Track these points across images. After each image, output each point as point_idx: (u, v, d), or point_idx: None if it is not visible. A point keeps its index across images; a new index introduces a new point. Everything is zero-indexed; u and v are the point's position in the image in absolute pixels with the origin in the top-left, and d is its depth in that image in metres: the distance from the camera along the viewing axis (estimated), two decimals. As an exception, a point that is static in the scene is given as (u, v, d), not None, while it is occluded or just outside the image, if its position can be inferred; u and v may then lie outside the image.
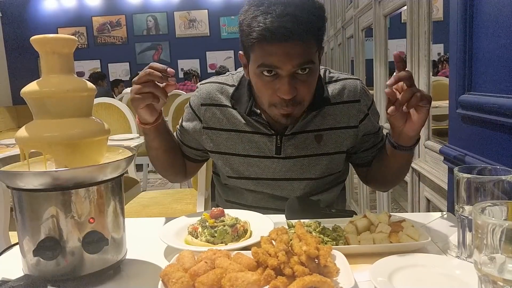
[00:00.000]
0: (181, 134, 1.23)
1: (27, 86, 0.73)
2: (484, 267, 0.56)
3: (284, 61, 0.94)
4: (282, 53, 0.93)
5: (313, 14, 0.94)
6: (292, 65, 0.95)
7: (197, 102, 1.18)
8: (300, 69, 0.96)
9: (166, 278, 0.66)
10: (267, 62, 0.95)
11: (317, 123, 1.12)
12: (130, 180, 2.63)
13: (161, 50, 8.48)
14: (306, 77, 0.98)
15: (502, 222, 0.53)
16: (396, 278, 0.71)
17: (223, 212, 0.94)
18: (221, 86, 1.17)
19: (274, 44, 0.93)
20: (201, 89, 1.19)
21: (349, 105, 1.14)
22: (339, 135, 1.14)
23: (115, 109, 3.03)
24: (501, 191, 0.73)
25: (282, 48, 0.93)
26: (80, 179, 0.69)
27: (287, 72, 0.95)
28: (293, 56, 0.94)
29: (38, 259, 0.69)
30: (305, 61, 0.95)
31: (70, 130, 0.72)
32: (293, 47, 0.93)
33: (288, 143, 1.12)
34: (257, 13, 0.93)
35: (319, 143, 1.13)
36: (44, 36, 0.72)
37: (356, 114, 1.14)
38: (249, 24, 0.95)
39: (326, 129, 1.13)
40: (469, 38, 1.15)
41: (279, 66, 0.95)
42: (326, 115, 1.13)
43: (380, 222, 0.88)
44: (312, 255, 0.68)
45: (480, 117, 1.10)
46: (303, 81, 0.98)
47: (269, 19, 0.91)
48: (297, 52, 0.94)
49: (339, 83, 1.15)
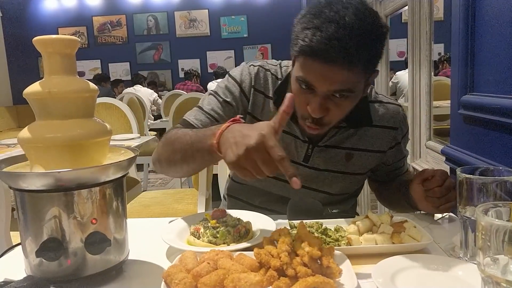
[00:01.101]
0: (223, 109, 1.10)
1: (29, 87, 0.73)
2: (487, 268, 0.56)
3: (321, 82, 0.91)
4: (321, 74, 0.90)
5: (367, 43, 0.88)
6: (328, 88, 0.92)
7: (248, 82, 1.11)
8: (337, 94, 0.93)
9: (168, 278, 0.66)
10: (305, 77, 0.93)
11: (352, 142, 1.11)
12: (131, 180, 2.63)
13: (162, 50, 8.47)
14: (341, 102, 0.94)
15: (506, 224, 0.53)
16: (398, 279, 0.71)
17: (225, 213, 0.94)
18: (272, 77, 1.12)
19: (315, 63, 0.89)
20: (255, 72, 1.12)
21: (387, 131, 1.13)
22: (368, 157, 1.14)
23: (116, 109, 3.03)
24: (503, 192, 0.73)
25: (322, 70, 0.89)
26: (83, 180, 0.69)
27: (322, 93, 0.93)
28: (331, 81, 0.90)
29: (41, 260, 0.69)
30: (343, 89, 0.92)
31: (73, 131, 0.72)
32: (333, 72, 0.89)
33: (318, 154, 1.11)
34: (309, 26, 0.88)
35: (348, 162, 1.12)
36: (47, 37, 0.72)
37: (390, 140, 1.15)
38: (298, 33, 0.91)
39: (359, 149, 1.12)
40: (470, 39, 1.15)
41: (315, 85, 0.92)
42: (363, 136, 1.12)
43: (382, 223, 0.88)
44: (315, 256, 0.68)
45: (482, 117, 1.10)
46: (337, 104, 0.95)
47: (317, 37, 0.86)
48: (336, 78, 0.90)
49: (383, 106, 1.14)
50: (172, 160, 1.00)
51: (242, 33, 8.34)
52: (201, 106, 1.12)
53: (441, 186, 0.96)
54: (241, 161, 0.74)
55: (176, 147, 0.97)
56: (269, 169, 0.73)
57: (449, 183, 0.96)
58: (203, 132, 0.90)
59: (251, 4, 8.22)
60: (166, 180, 5.26)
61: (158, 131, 5.61)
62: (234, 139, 0.77)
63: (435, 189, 0.96)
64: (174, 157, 0.99)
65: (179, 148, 0.96)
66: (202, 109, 1.11)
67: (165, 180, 5.24)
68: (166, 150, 1.02)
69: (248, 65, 1.14)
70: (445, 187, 0.96)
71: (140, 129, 3.24)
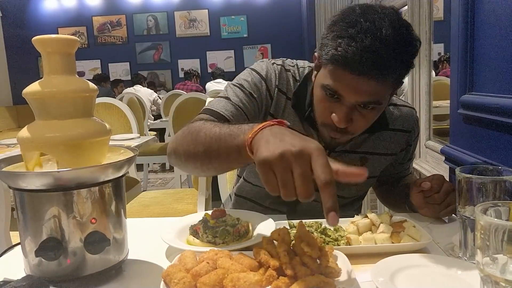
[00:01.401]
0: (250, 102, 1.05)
1: (29, 87, 0.73)
2: (486, 268, 0.56)
3: (350, 93, 0.90)
4: (351, 85, 0.88)
5: (402, 57, 0.87)
6: (356, 99, 0.91)
7: (274, 81, 1.07)
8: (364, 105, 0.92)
9: (168, 278, 0.66)
10: (333, 86, 0.91)
11: (367, 146, 1.11)
12: (130, 180, 2.63)
13: (162, 50, 8.47)
14: (367, 113, 0.94)
15: (505, 223, 0.54)
16: (398, 279, 0.71)
17: (225, 213, 0.94)
18: (292, 78, 1.09)
19: (346, 73, 0.87)
20: (278, 71, 1.08)
21: (401, 134, 1.14)
22: (382, 161, 1.14)
23: (116, 109, 3.03)
24: (503, 192, 0.73)
25: (353, 81, 0.87)
26: (82, 180, 0.69)
27: (349, 104, 0.91)
28: (361, 92, 0.89)
29: (40, 260, 0.69)
30: (372, 101, 0.91)
31: (72, 130, 0.72)
32: (364, 84, 0.87)
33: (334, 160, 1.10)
34: (344, 34, 0.86)
35: (362, 165, 1.11)
36: (46, 36, 0.72)
37: (403, 143, 1.15)
38: (331, 40, 0.88)
39: (374, 153, 1.12)
40: (470, 38, 1.15)
41: (343, 95, 0.91)
42: (377, 139, 1.11)
43: (381, 223, 0.88)
44: (314, 256, 0.68)
45: (482, 117, 1.10)
46: (362, 115, 0.93)
47: (352, 48, 0.84)
48: (367, 90, 0.88)
49: (398, 108, 1.14)
50: (192, 153, 0.88)
51: (242, 33, 8.34)
52: (228, 97, 1.05)
53: (439, 192, 0.96)
54: (273, 161, 0.61)
55: (201, 138, 0.85)
56: (303, 187, 0.60)
57: (447, 188, 0.96)
58: (238, 126, 0.78)
59: (251, 4, 8.22)
60: (166, 180, 5.26)
61: (158, 131, 5.61)
62: (275, 137, 0.65)
63: (434, 196, 0.96)
64: (196, 149, 0.86)
65: (204, 140, 0.84)
66: (230, 99, 1.04)
67: (165, 180, 5.24)
68: (187, 140, 0.90)
69: (271, 63, 1.10)
70: (443, 192, 0.96)
71: (140, 129, 3.24)
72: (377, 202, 2.68)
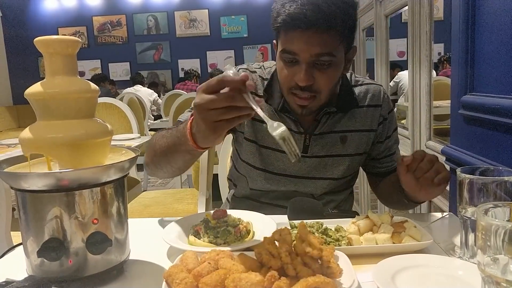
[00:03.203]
0: None
1: (30, 87, 0.73)
2: (487, 268, 0.56)
3: (302, 48, 0.98)
4: (302, 40, 0.97)
5: (338, 7, 0.96)
6: (310, 53, 0.98)
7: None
8: (320, 59, 0.98)
9: (169, 278, 0.66)
10: (288, 48, 0.99)
11: (343, 124, 1.16)
12: (131, 180, 2.63)
13: (162, 50, 8.47)
14: (326, 68, 1.00)
15: (506, 224, 0.54)
16: (399, 279, 0.71)
17: (226, 213, 0.94)
18: (260, 78, 1.18)
19: (296, 31, 0.97)
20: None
21: (372, 109, 1.18)
22: (361, 137, 1.18)
23: (116, 109, 3.04)
24: (503, 192, 0.73)
25: (302, 36, 0.96)
26: (84, 180, 0.70)
27: (305, 60, 0.99)
28: (312, 45, 0.97)
29: (42, 260, 0.70)
30: (324, 52, 0.98)
31: (74, 131, 0.72)
32: (312, 36, 0.96)
33: (315, 142, 1.15)
34: (286, 1, 0.98)
35: (344, 144, 1.16)
36: (48, 37, 0.72)
37: (377, 117, 1.18)
38: (277, 11, 0.99)
39: (351, 130, 1.16)
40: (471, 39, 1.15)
41: (297, 53, 0.98)
42: (352, 117, 1.16)
43: (382, 223, 0.88)
44: (315, 256, 0.69)
45: (482, 117, 1.10)
46: (322, 72, 1.00)
47: (294, 6, 0.95)
48: (316, 41, 0.97)
49: (364, 87, 1.20)
50: (157, 162, 1.04)
51: (242, 33, 8.34)
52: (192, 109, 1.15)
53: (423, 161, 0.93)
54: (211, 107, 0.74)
55: (157, 149, 1.02)
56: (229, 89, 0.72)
57: (430, 157, 0.94)
58: (176, 128, 0.95)
59: (251, 4, 8.22)
60: (166, 180, 5.26)
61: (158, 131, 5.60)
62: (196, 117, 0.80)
63: (421, 166, 0.92)
64: (157, 159, 1.03)
65: (159, 149, 1.00)
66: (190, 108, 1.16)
67: (165, 180, 5.24)
68: (150, 153, 1.06)
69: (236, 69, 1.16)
70: (427, 160, 0.93)
71: (140, 129, 3.25)
72: (378, 202, 2.68)
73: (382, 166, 1.24)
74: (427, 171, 0.92)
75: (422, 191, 0.95)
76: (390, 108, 1.22)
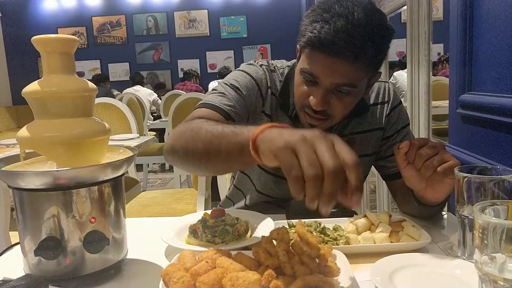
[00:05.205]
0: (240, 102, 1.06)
1: (28, 86, 0.73)
2: (484, 267, 0.56)
3: (325, 74, 0.94)
4: (326, 66, 0.92)
5: (373, 41, 0.90)
6: (331, 81, 0.94)
7: (265, 83, 1.11)
8: (340, 88, 0.95)
9: (167, 277, 0.66)
10: (310, 69, 0.95)
11: (351, 127, 1.13)
12: (130, 180, 2.63)
13: (161, 50, 8.47)
14: (344, 97, 0.96)
15: (503, 222, 0.54)
16: (396, 278, 0.71)
17: (224, 212, 0.94)
18: (277, 79, 1.13)
19: (321, 55, 0.92)
20: (269, 72, 1.13)
21: (380, 106, 1.16)
22: (371, 136, 1.15)
23: (115, 109, 3.03)
24: (501, 191, 0.73)
25: (327, 62, 0.92)
26: (82, 179, 0.69)
27: (325, 86, 0.95)
28: (335, 74, 0.93)
29: (39, 259, 0.70)
30: (346, 84, 0.94)
31: (71, 130, 0.72)
32: (338, 65, 0.91)
33: None
34: (318, 19, 0.91)
35: (352, 146, 1.10)
36: (46, 36, 0.72)
37: (384, 113, 1.16)
38: (306, 26, 0.94)
39: (360, 132, 1.14)
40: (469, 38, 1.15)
41: (319, 77, 0.95)
42: (362, 119, 1.14)
43: (380, 222, 0.88)
44: (313, 255, 0.68)
45: (480, 116, 1.10)
46: (339, 99, 0.96)
47: (325, 30, 0.89)
48: (340, 71, 0.92)
49: (373, 86, 1.14)
50: (191, 149, 0.85)
51: (241, 33, 8.34)
52: (223, 93, 1.07)
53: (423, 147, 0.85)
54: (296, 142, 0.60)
55: (201, 135, 0.84)
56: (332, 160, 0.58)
57: (432, 143, 0.86)
58: (241, 126, 0.78)
59: (251, 4, 8.22)
60: (165, 180, 5.26)
61: (157, 131, 5.61)
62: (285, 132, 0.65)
63: (419, 152, 0.84)
64: (195, 145, 0.84)
65: (204, 136, 0.83)
66: (225, 95, 1.06)
67: (164, 180, 5.24)
68: (186, 136, 0.88)
69: (259, 65, 1.14)
70: (428, 147, 0.84)
71: (139, 129, 3.24)
72: (376, 202, 2.68)
73: (392, 165, 1.15)
74: (428, 159, 0.83)
75: (428, 188, 0.88)
76: (398, 101, 1.18)
